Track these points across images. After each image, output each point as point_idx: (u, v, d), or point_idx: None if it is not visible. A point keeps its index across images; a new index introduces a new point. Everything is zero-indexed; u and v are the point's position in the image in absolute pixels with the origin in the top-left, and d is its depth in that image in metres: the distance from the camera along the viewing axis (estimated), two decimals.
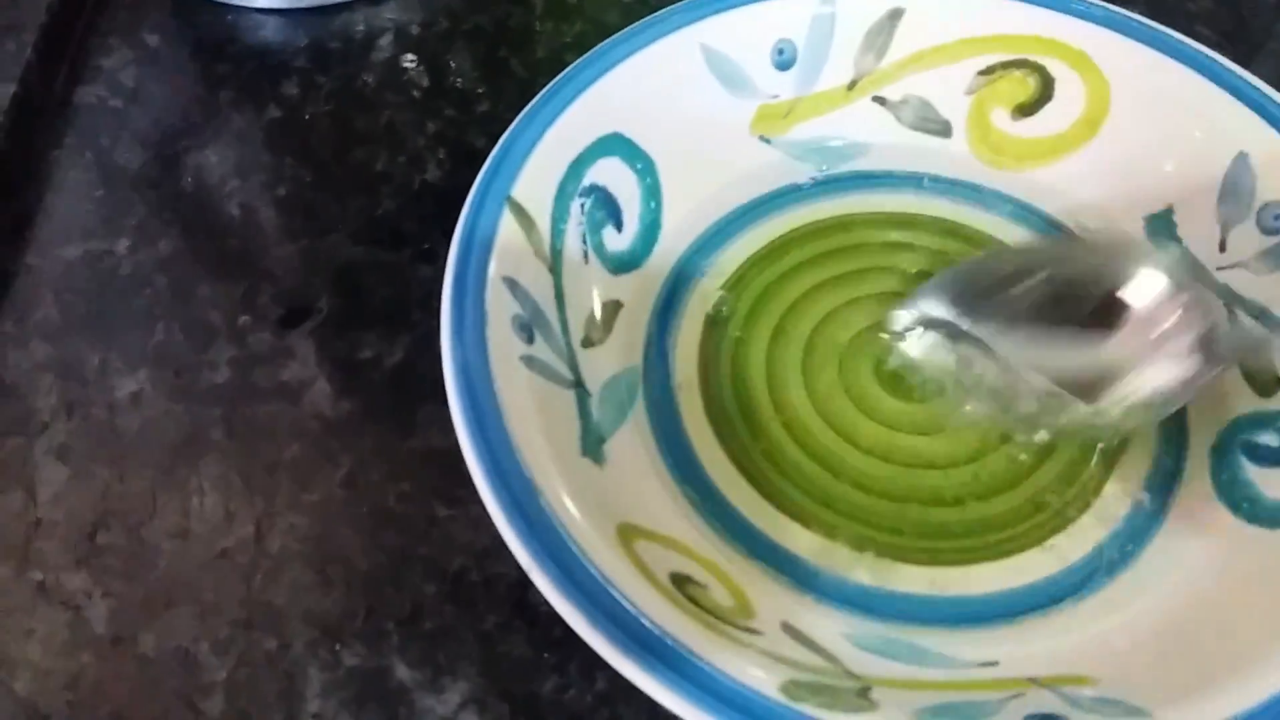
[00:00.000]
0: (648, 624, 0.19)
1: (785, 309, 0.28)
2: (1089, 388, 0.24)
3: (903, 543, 0.24)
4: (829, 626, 0.22)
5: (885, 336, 0.27)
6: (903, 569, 0.24)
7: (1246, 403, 0.25)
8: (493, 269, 0.24)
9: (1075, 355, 0.25)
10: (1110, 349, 0.24)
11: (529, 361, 0.23)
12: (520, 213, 0.25)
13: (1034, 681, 0.21)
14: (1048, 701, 0.20)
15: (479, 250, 0.24)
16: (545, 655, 0.23)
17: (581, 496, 0.21)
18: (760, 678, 0.19)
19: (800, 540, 0.24)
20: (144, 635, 0.24)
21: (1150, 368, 0.24)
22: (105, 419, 0.26)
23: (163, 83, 0.33)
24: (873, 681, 0.20)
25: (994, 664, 0.22)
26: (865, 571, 0.24)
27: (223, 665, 0.23)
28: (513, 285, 0.24)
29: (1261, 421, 0.25)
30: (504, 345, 0.23)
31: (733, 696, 0.19)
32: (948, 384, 0.26)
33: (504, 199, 0.25)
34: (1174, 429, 0.25)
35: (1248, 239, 0.26)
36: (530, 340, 0.24)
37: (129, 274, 0.29)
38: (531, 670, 0.23)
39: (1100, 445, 0.25)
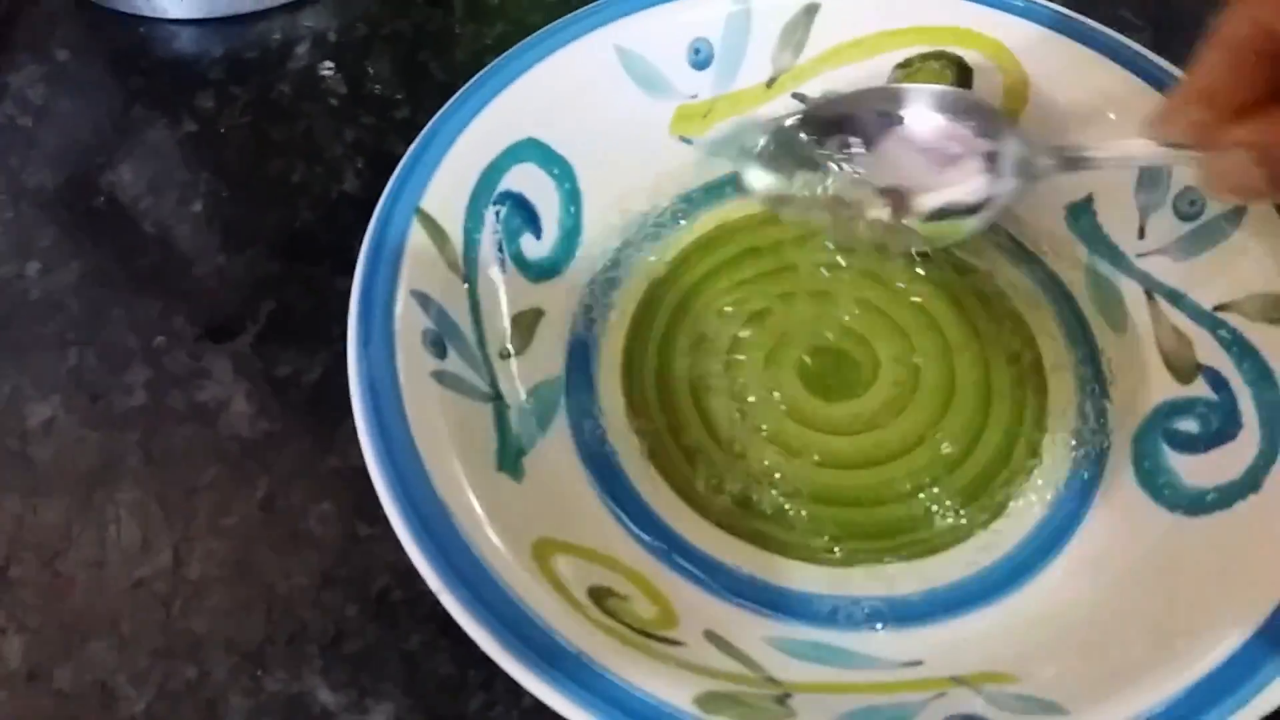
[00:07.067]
0: (560, 641, 0.19)
1: (709, 310, 0.27)
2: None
3: (826, 545, 0.24)
4: (752, 632, 0.22)
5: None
6: (828, 572, 0.24)
7: (1167, 390, 0.25)
8: (402, 283, 0.23)
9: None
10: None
11: (440, 377, 0.23)
12: (430, 223, 0.25)
13: (957, 680, 0.21)
14: (969, 701, 0.20)
15: (387, 264, 0.24)
16: (470, 673, 0.23)
17: (495, 514, 0.21)
18: (675, 691, 0.19)
19: (726, 547, 0.24)
20: (60, 669, 0.23)
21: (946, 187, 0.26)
22: (17, 448, 0.26)
23: (73, 99, 0.32)
24: (793, 687, 0.20)
25: (918, 663, 0.22)
26: (792, 576, 0.23)
27: (142, 697, 0.23)
28: (423, 299, 0.24)
29: (1182, 408, 0.25)
30: (413, 362, 0.23)
31: (645, 712, 0.19)
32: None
33: (413, 210, 0.24)
34: (1097, 418, 0.25)
35: (1166, 225, 0.26)
36: (442, 355, 0.23)
37: (40, 298, 0.28)
38: (457, 689, 0.23)
39: (1021, 437, 0.25)
